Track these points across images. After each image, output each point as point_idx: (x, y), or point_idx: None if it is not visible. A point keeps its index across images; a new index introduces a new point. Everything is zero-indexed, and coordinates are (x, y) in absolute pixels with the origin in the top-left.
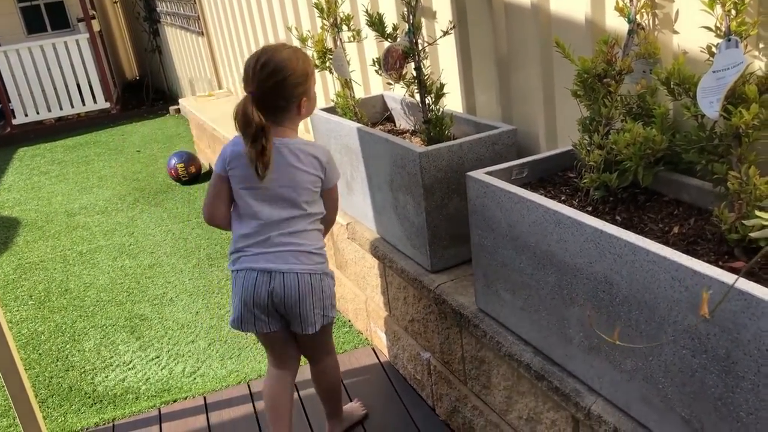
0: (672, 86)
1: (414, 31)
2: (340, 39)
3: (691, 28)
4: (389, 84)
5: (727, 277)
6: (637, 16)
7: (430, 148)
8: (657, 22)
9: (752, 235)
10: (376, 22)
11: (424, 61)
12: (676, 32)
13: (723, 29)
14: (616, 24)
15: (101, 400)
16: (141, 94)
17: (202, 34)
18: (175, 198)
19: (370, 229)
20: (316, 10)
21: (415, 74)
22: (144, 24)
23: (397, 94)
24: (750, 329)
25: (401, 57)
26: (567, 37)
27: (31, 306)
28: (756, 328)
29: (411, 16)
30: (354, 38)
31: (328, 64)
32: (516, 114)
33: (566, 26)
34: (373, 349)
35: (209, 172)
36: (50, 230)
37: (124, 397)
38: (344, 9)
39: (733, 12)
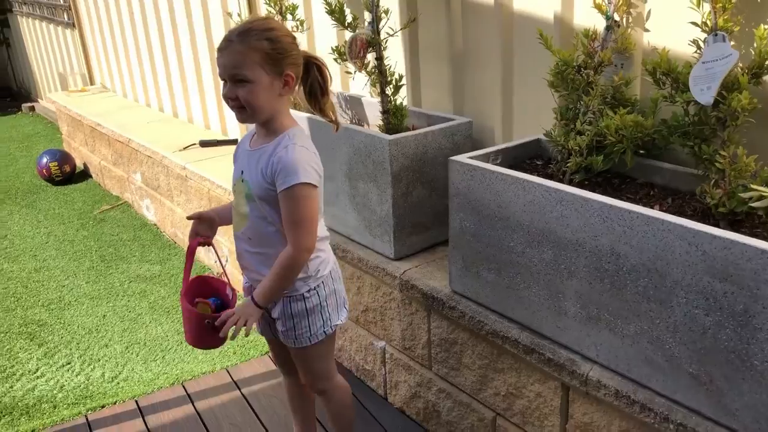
0: (658, 76)
1: (377, 21)
2: None
3: (662, 26)
4: (348, 73)
5: (746, 239)
6: (614, 14)
7: (399, 136)
8: (630, 20)
9: (754, 204)
10: (337, 11)
11: (384, 52)
12: (647, 30)
13: (710, 25)
14: (586, 22)
15: (11, 412)
16: None
17: (74, 25)
18: (48, 199)
19: None
20: None
21: (376, 64)
22: None
23: (332, 88)
24: None
25: (364, 46)
26: (532, 34)
27: None
28: None
29: (375, 7)
30: (298, 28)
31: None
32: (469, 108)
33: (531, 24)
34: None
35: (84, 172)
36: None
37: (38, 407)
38: None
39: (721, 10)
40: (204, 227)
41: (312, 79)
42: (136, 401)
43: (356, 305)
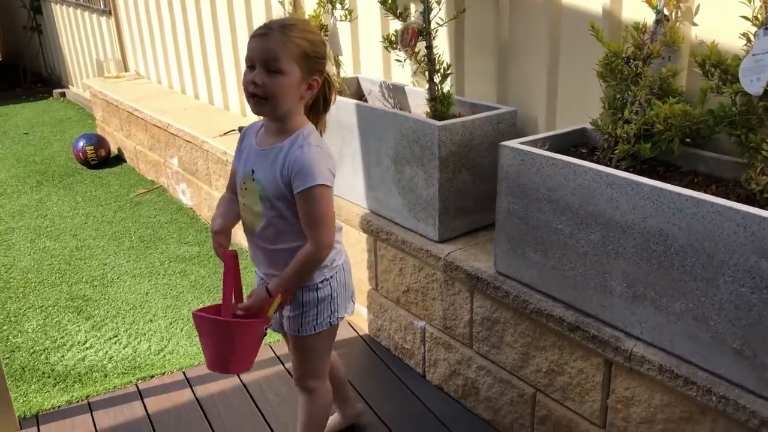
0: (708, 68)
1: (428, 11)
2: (334, 17)
3: (710, 20)
4: (398, 61)
5: None
6: (664, 8)
7: (448, 122)
8: (679, 14)
9: None
10: (389, 1)
11: (434, 42)
12: (695, 24)
13: (761, 19)
14: (633, 15)
15: (64, 379)
16: (9, 76)
17: (110, 13)
18: (85, 182)
19: (357, 204)
20: None
21: (426, 53)
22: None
23: (374, 76)
24: None
25: (416, 35)
26: (580, 28)
27: None
28: None
29: None
30: (346, 17)
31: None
32: (512, 97)
33: (579, 17)
34: (350, 324)
35: (118, 157)
36: None
37: (90, 375)
38: None
39: None
40: (224, 238)
41: (319, 94)
42: (184, 372)
43: (397, 286)
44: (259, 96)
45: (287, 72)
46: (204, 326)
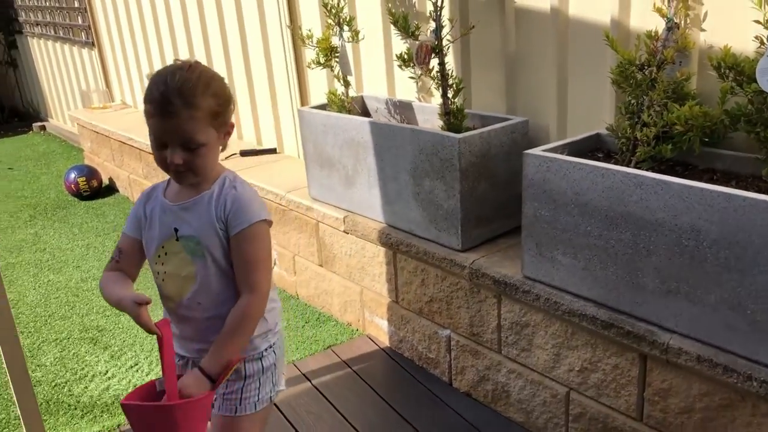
0: (723, 70)
1: (440, 29)
2: (343, 39)
3: (717, 26)
4: (412, 78)
5: None
6: (674, 16)
7: (467, 134)
8: (688, 21)
9: None
10: (401, 21)
11: (446, 58)
12: (703, 30)
13: None
14: (642, 24)
15: (92, 410)
16: None
17: (93, 44)
18: (79, 213)
19: (374, 219)
20: (324, 9)
21: (438, 69)
22: None
23: (380, 94)
24: None
25: (429, 52)
26: (587, 37)
27: None
28: None
29: (438, 15)
30: (353, 38)
31: (333, 62)
32: (521, 108)
33: (586, 28)
34: (370, 338)
35: (110, 187)
36: None
37: (116, 404)
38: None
39: None
40: (146, 310)
41: None
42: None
43: (420, 297)
44: (183, 171)
45: (206, 142)
46: (142, 416)
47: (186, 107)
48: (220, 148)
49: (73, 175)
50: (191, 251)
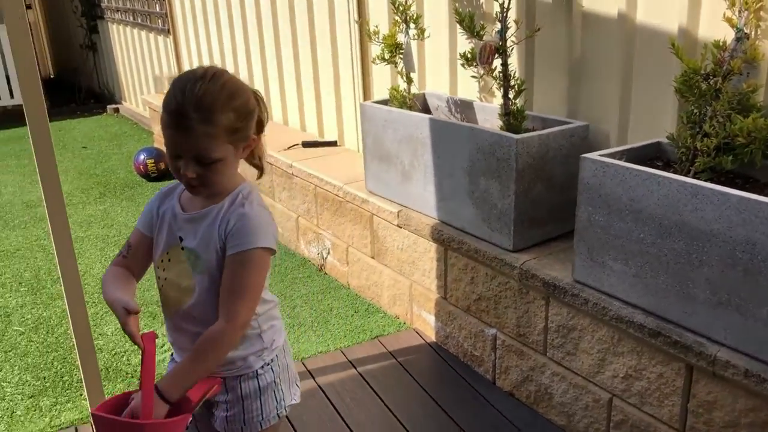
0: None
1: (505, 30)
2: (408, 36)
3: None
4: (474, 77)
5: None
6: (745, 27)
7: (525, 135)
8: (759, 32)
9: None
10: (467, 20)
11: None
12: None
13: None
14: (710, 33)
15: None
16: (63, 92)
17: (168, 32)
18: (146, 194)
19: (427, 215)
20: (392, 6)
21: (501, 69)
22: (81, 19)
23: (441, 92)
24: None
25: (493, 52)
26: (654, 45)
27: (25, 293)
28: None
29: (504, 16)
30: (419, 36)
31: (397, 58)
32: (582, 112)
33: (653, 35)
34: (416, 332)
35: None
36: (13, 221)
37: None
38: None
39: None
40: (136, 320)
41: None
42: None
43: (468, 294)
44: (195, 184)
45: (222, 158)
46: (112, 429)
47: (202, 123)
48: (240, 157)
49: (142, 157)
50: (192, 264)
